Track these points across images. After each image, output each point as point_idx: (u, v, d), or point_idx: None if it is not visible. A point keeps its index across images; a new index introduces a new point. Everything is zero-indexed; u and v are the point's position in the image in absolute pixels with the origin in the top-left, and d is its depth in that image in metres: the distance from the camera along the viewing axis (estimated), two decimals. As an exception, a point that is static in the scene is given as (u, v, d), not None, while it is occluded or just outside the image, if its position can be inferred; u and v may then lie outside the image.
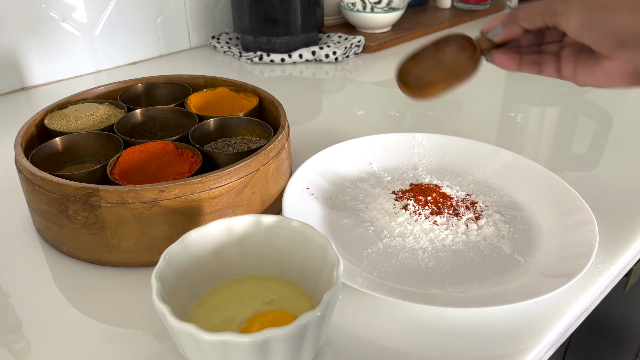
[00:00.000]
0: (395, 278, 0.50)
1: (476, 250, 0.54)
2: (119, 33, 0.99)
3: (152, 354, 0.43)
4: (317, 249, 0.43)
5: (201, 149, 0.57)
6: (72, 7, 0.92)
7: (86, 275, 0.51)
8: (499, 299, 0.46)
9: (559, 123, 0.83)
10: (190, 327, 0.35)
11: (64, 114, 0.64)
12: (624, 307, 0.83)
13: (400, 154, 0.69)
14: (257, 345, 0.34)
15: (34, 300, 0.49)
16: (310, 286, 0.45)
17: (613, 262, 0.53)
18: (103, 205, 0.48)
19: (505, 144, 0.72)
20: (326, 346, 0.44)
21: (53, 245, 0.54)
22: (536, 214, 0.58)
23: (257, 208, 0.55)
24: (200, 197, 0.50)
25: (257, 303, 0.44)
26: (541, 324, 0.46)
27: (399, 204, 0.58)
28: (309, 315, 0.36)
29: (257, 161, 0.53)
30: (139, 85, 0.71)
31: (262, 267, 0.47)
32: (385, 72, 1.02)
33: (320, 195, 0.61)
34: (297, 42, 1.03)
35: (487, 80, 0.99)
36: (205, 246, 0.44)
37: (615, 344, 0.92)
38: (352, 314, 0.47)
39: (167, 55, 1.08)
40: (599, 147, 0.75)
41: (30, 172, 0.51)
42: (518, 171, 0.64)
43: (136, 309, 0.48)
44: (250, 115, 0.65)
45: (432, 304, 0.45)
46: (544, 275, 0.49)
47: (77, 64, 0.97)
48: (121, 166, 0.55)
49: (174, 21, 1.06)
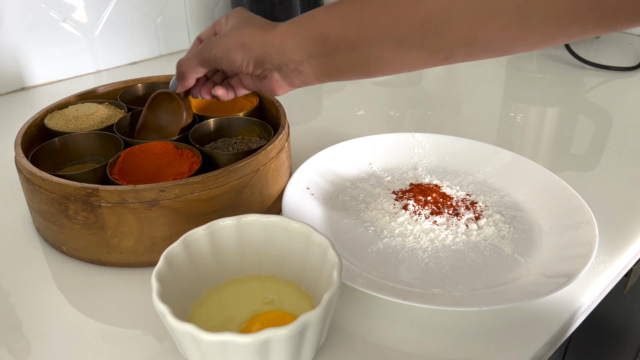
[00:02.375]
0: (395, 278, 0.50)
1: (476, 250, 0.54)
2: (119, 33, 0.99)
3: (152, 354, 0.43)
4: (317, 249, 0.43)
5: (201, 149, 0.57)
6: (72, 7, 0.92)
7: (86, 275, 0.51)
8: (499, 299, 0.46)
9: (559, 123, 0.83)
10: (190, 327, 0.35)
11: (64, 114, 0.64)
12: (623, 307, 0.83)
13: (400, 154, 0.69)
14: (257, 345, 0.34)
15: (34, 300, 0.49)
16: (310, 286, 0.45)
17: (613, 262, 0.53)
18: (103, 205, 0.48)
19: (505, 144, 0.72)
20: (326, 346, 0.44)
21: (53, 245, 0.54)
22: (536, 214, 0.58)
23: (257, 208, 0.55)
24: (200, 197, 0.50)
25: (257, 303, 0.44)
26: (541, 324, 0.46)
27: (399, 204, 0.58)
28: (309, 315, 0.36)
29: (257, 161, 0.53)
30: (139, 85, 0.71)
31: (262, 267, 0.47)
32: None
33: (320, 195, 0.61)
34: (297, 42, 1.03)
35: (487, 80, 0.99)
36: (205, 246, 0.44)
37: (615, 344, 0.92)
38: (352, 314, 0.47)
39: (167, 55, 1.08)
40: (599, 147, 0.75)
41: (30, 172, 0.51)
42: (518, 171, 0.64)
43: (136, 309, 0.48)
44: (250, 115, 0.65)
45: (432, 304, 0.45)
46: (544, 275, 0.49)
47: (77, 64, 0.97)
48: (121, 166, 0.55)
49: (174, 21, 1.06)
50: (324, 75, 0.47)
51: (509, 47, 0.39)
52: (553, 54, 1.09)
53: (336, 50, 0.44)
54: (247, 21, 0.49)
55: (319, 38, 0.44)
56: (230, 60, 0.48)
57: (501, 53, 0.40)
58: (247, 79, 0.53)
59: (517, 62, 1.07)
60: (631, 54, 1.08)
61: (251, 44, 0.47)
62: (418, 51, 0.41)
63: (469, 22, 0.38)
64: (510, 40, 0.38)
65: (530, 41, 0.38)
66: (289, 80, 0.48)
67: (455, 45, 0.40)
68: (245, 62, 0.48)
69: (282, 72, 0.48)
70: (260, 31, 0.47)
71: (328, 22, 0.44)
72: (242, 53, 0.47)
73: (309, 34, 0.45)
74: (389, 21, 0.41)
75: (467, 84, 0.99)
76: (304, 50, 0.45)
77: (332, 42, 0.44)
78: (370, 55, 0.43)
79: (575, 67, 1.02)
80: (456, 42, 0.40)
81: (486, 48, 0.40)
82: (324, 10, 0.45)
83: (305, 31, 0.45)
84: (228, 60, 0.48)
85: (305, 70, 0.47)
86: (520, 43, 0.38)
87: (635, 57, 1.06)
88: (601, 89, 0.95)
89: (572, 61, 1.04)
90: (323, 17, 0.44)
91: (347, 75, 0.46)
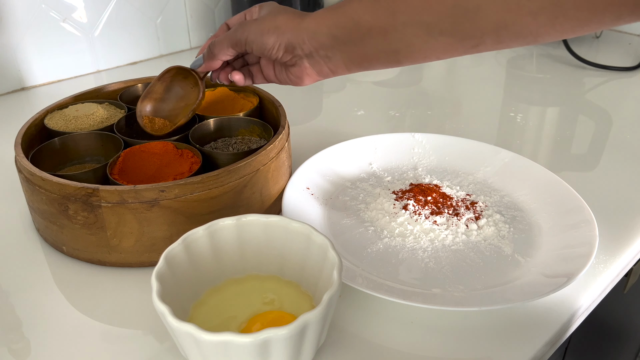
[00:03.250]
0: (395, 278, 0.50)
1: (476, 250, 0.54)
2: (119, 33, 0.99)
3: (152, 354, 0.43)
4: (317, 249, 0.43)
5: (201, 149, 0.57)
6: (72, 7, 0.92)
7: (86, 275, 0.51)
8: (499, 299, 0.46)
9: (559, 123, 0.83)
10: (190, 327, 0.35)
11: (64, 114, 0.64)
12: (624, 307, 0.83)
13: (400, 154, 0.69)
14: (257, 345, 0.34)
15: (34, 300, 0.49)
16: (310, 286, 0.45)
17: (613, 262, 0.53)
18: (103, 205, 0.48)
19: (505, 144, 0.72)
20: (326, 346, 0.44)
21: (53, 245, 0.54)
22: (536, 214, 0.58)
23: (257, 208, 0.55)
24: (200, 197, 0.50)
25: (257, 303, 0.44)
26: (541, 324, 0.46)
27: (399, 204, 0.58)
28: (309, 315, 0.36)
29: (257, 161, 0.53)
30: (139, 85, 0.71)
31: (262, 267, 0.47)
32: (385, 72, 1.02)
33: (320, 195, 0.61)
34: (297, 42, 1.03)
35: (487, 80, 0.99)
36: (205, 246, 0.44)
37: (615, 344, 0.92)
38: (352, 314, 0.47)
39: (167, 55, 1.08)
40: (599, 147, 0.75)
41: (30, 172, 0.51)
42: (518, 171, 0.64)
43: (136, 309, 0.48)
44: (250, 115, 0.65)
45: (432, 304, 0.45)
46: (544, 275, 0.49)
47: (77, 64, 0.97)
48: (121, 166, 0.55)
49: (174, 21, 1.06)
50: (354, 63, 0.47)
51: (540, 33, 0.38)
52: (553, 54, 1.09)
53: (366, 36, 0.45)
54: (282, 9, 0.50)
55: (350, 24, 0.45)
56: (263, 43, 0.49)
57: (532, 41, 0.39)
58: (268, 68, 0.53)
59: (517, 62, 1.07)
60: (631, 54, 1.08)
61: (285, 28, 0.48)
62: (447, 38, 0.42)
63: (500, 8, 0.38)
64: (542, 27, 0.38)
65: (562, 27, 0.37)
66: (318, 68, 0.49)
67: (485, 31, 0.40)
68: (276, 46, 0.48)
69: (312, 59, 0.48)
70: (294, 17, 0.48)
71: (359, 9, 0.44)
72: (275, 37, 0.48)
73: (341, 21, 0.45)
74: (418, 7, 0.41)
75: (467, 84, 0.99)
76: (336, 37, 0.46)
77: (363, 28, 0.44)
78: (400, 41, 0.44)
79: (575, 67, 1.02)
80: (486, 28, 0.39)
81: (517, 35, 0.39)
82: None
83: (338, 18, 0.45)
84: (260, 43, 0.49)
85: (335, 57, 0.47)
86: (552, 30, 0.38)
87: (635, 57, 1.06)
88: (601, 89, 0.95)
89: (572, 61, 1.04)
90: (355, 4, 0.45)
91: (375, 64, 0.47)
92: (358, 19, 0.44)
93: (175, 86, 0.61)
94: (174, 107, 0.61)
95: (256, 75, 0.56)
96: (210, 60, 0.54)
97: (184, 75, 0.60)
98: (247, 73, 0.56)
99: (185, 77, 0.60)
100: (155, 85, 0.61)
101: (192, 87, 0.60)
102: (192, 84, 0.60)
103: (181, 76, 0.60)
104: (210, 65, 0.55)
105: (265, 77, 0.55)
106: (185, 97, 0.60)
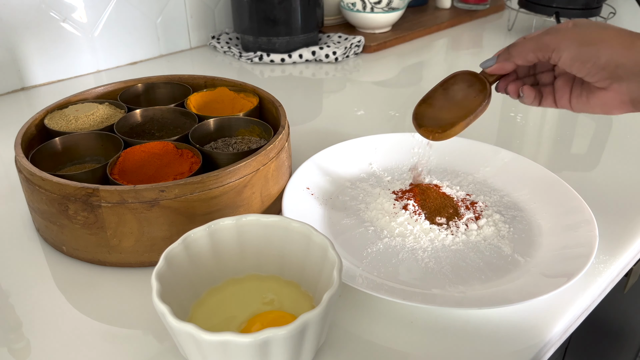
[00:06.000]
0: (395, 278, 0.50)
1: (476, 250, 0.54)
2: (119, 33, 0.99)
3: (152, 354, 0.43)
4: (317, 249, 0.43)
5: (201, 149, 0.57)
6: (72, 7, 0.92)
7: (86, 275, 0.51)
8: (499, 299, 0.46)
9: (559, 123, 0.83)
10: (190, 327, 0.35)
11: (64, 114, 0.64)
12: (623, 307, 0.83)
13: (400, 154, 0.69)
14: (257, 345, 0.34)
15: (34, 300, 0.49)
16: (310, 286, 0.45)
17: (613, 262, 0.53)
18: (103, 205, 0.48)
19: (505, 144, 0.72)
20: (326, 346, 0.44)
21: (53, 245, 0.54)
22: (536, 214, 0.58)
23: (257, 208, 0.55)
24: (200, 197, 0.50)
25: (257, 303, 0.44)
26: (541, 324, 0.46)
27: (399, 204, 0.58)
28: (309, 315, 0.36)
29: (257, 161, 0.53)
30: (139, 85, 0.71)
31: (262, 267, 0.47)
32: (385, 72, 1.02)
33: (320, 195, 0.61)
34: (297, 42, 1.03)
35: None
36: (205, 246, 0.44)
37: (615, 344, 0.92)
38: (352, 314, 0.47)
39: (167, 55, 1.08)
40: (599, 147, 0.75)
41: (30, 172, 0.51)
42: (518, 171, 0.64)
43: (136, 309, 0.48)
44: (250, 115, 0.65)
45: (432, 304, 0.45)
46: (544, 275, 0.49)
47: (77, 64, 0.97)
48: (121, 166, 0.55)
49: (174, 21, 1.06)
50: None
51: None
52: (553, 54, 1.09)
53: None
54: (608, 24, 0.44)
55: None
56: (578, 53, 0.42)
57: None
58: (564, 90, 0.48)
59: (517, 62, 1.07)
60: (631, 54, 1.08)
61: (613, 43, 0.41)
62: None
63: None
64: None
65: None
66: (636, 96, 0.42)
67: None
68: (593, 60, 0.42)
69: (633, 84, 0.42)
70: (627, 33, 0.42)
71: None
72: (596, 49, 0.42)
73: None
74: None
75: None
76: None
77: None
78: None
79: (575, 67, 1.02)
80: None
81: None
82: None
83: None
84: (574, 52, 0.42)
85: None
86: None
87: (635, 57, 1.05)
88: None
89: (572, 61, 1.03)
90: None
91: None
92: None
93: (461, 89, 0.55)
94: (462, 107, 0.54)
95: (546, 97, 0.50)
96: (504, 61, 0.48)
97: (469, 82, 0.55)
98: (537, 93, 0.50)
99: (470, 84, 0.54)
100: (436, 90, 0.56)
101: (475, 95, 0.53)
102: (476, 90, 0.54)
103: (466, 81, 0.55)
104: (502, 66, 0.49)
105: (555, 101, 0.49)
106: (477, 97, 0.54)
